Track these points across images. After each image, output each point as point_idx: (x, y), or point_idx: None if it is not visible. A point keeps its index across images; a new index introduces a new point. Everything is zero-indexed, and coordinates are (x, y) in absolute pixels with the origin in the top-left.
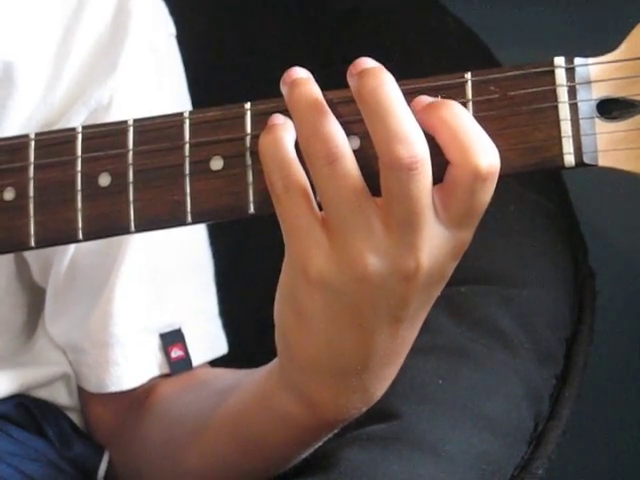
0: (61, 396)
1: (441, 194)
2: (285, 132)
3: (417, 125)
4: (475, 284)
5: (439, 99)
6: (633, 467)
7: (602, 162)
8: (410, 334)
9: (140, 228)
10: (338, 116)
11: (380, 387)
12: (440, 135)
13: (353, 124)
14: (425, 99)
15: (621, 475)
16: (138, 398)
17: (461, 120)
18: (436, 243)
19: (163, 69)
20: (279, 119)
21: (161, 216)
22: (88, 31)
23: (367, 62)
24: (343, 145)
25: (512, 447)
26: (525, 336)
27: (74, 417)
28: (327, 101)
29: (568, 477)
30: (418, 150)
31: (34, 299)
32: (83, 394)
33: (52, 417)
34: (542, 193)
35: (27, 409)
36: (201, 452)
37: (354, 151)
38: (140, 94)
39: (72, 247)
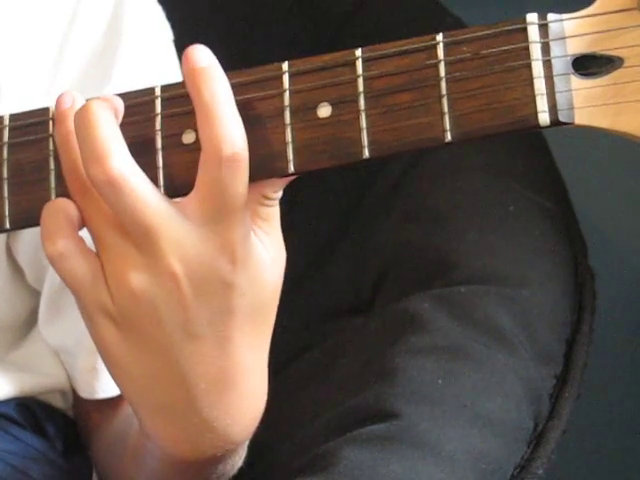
0: (57, 402)
1: (194, 188)
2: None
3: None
4: (475, 284)
5: (205, 63)
6: (633, 467)
7: (578, 120)
8: (226, 356)
9: None
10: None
11: (232, 424)
12: (196, 111)
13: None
14: (194, 61)
15: (621, 475)
16: (118, 401)
17: (215, 101)
18: (187, 244)
19: (159, 76)
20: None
21: None
22: (82, 41)
23: (200, 59)
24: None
25: (512, 447)
26: (525, 336)
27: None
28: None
29: (568, 477)
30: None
31: (32, 300)
32: (75, 393)
33: (53, 417)
34: (542, 193)
35: (28, 409)
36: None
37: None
38: None
39: None
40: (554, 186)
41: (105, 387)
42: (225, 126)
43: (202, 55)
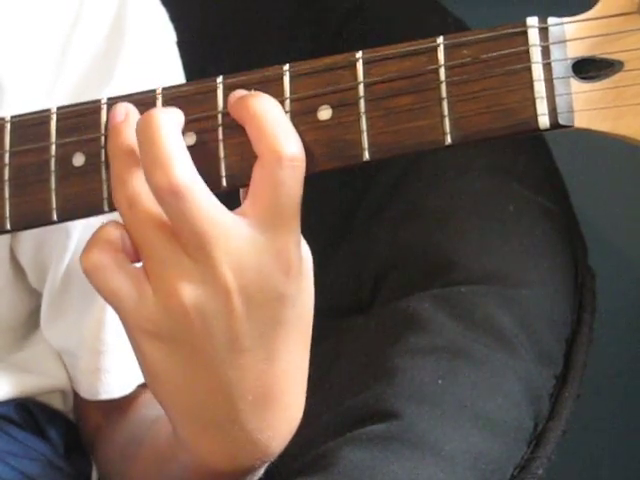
0: (57, 403)
1: (248, 196)
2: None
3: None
4: (475, 284)
5: (252, 92)
6: (633, 467)
7: (578, 123)
8: (274, 367)
9: (113, 207)
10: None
11: (274, 436)
12: (249, 127)
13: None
14: (239, 93)
15: (621, 475)
16: (125, 403)
17: (269, 113)
18: (244, 255)
19: (161, 77)
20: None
21: None
22: (85, 43)
23: (240, 91)
24: (140, 189)
25: (512, 447)
26: (525, 336)
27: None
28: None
29: (568, 477)
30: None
31: (33, 301)
32: (76, 394)
33: (53, 419)
34: (542, 193)
35: (28, 410)
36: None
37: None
38: None
39: (69, 253)
40: (554, 186)
41: (108, 388)
42: (283, 130)
43: (244, 92)
